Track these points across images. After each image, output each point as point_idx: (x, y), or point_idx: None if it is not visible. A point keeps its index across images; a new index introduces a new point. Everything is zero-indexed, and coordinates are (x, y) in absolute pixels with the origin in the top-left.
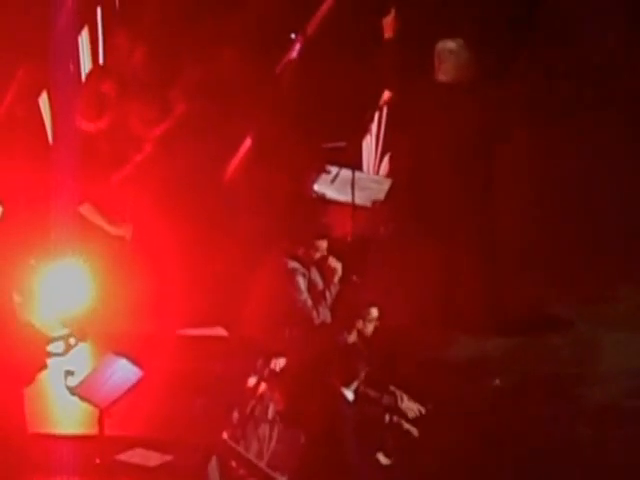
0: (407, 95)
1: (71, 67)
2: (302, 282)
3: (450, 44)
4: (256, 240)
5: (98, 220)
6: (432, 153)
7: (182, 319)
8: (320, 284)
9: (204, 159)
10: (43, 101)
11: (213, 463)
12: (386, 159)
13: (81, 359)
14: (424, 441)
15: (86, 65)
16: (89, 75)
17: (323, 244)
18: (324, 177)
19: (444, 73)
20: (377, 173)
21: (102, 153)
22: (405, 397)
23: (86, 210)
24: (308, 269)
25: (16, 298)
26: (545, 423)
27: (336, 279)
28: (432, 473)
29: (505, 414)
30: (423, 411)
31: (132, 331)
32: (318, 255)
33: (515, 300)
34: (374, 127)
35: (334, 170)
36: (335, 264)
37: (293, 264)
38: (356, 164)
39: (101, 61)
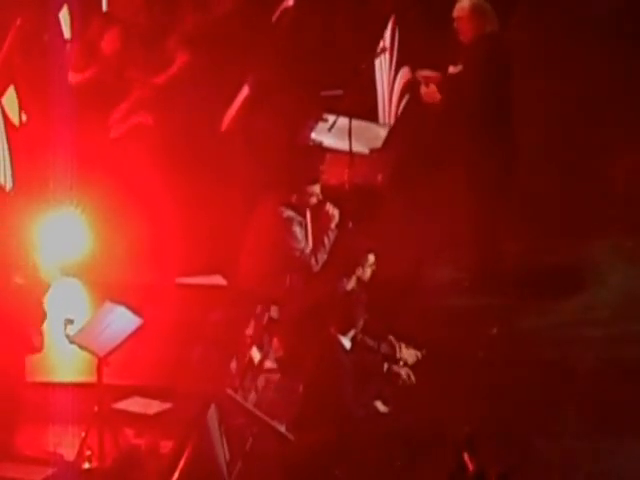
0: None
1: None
2: (299, 230)
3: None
4: (254, 188)
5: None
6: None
7: (181, 268)
8: (317, 231)
9: (201, 108)
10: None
11: (212, 411)
12: (386, 106)
13: (80, 308)
14: (422, 389)
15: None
16: (86, 26)
17: (318, 190)
18: (321, 125)
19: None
20: (376, 121)
21: (100, 102)
22: (403, 345)
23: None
24: (304, 216)
25: (17, 248)
26: (543, 370)
27: (333, 226)
28: (429, 420)
29: (502, 362)
30: (420, 357)
31: (131, 280)
32: (314, 201)
33: (516, 250)
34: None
35: (331, 118)
36: (332, 211)
37: (289, 212)
38: (353, 112)
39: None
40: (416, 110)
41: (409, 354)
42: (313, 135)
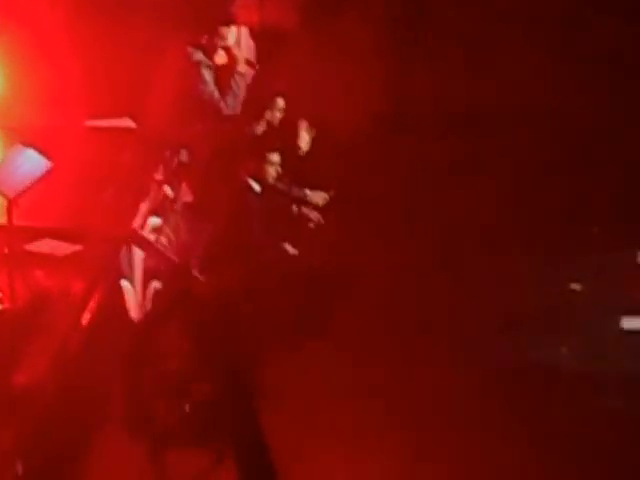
0: None
1: None
2: (207, 74)
3: None
4: (163, 29)
5: None
6: None
7: (89, 110)
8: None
9: None
10: None
11: (124, 253)
12: None
13: None
14: (330, 231)
15: None
16: None
17: (227, 32)
18: None
19: None
20: None
21: None
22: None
23: None
24: (212, 59)
25: None
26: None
27: (241, 69)
28: (337, 262)
29: (408, 206)
30: (329, 199)
31: (40, 122)
32: (222, 44)
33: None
34: None
35: None
36: (238, 53)
37: (198, 55)
38: None
39: None
40: None
41: (319, 196)
42: None
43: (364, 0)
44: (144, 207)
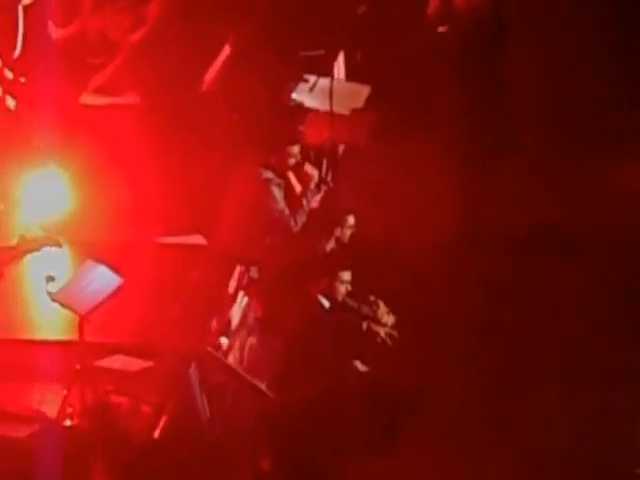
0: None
1: None
2: (277, 192)
3: None
4: (234, 149)
5: (102, 101)
6: (411, 59)
7: (161, 227)
8: (297, 191)
9: (182, 67)
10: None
11: (193, 370)
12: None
13: (61, 266)
14: (400, 350)
15: None
16: None
17: (296, 150)
18: (302, 85)
19: None
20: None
21: (79, 61)
22: (382, 306)
23: (88, 97)
24: (283, 177)
25: None
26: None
27: (312, 186)
28: (408, 380)
29: (486, 326)
30: (399, 319)
31: (112, 239)
32: (292, 162)
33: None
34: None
35: (312, 78)
36: (311, 171)
37: (268, 173)
38: (334, 72)
39: None
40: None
41: (388, 315)
42: (294, 95)
43: (433, 120)
44: (214, 324)
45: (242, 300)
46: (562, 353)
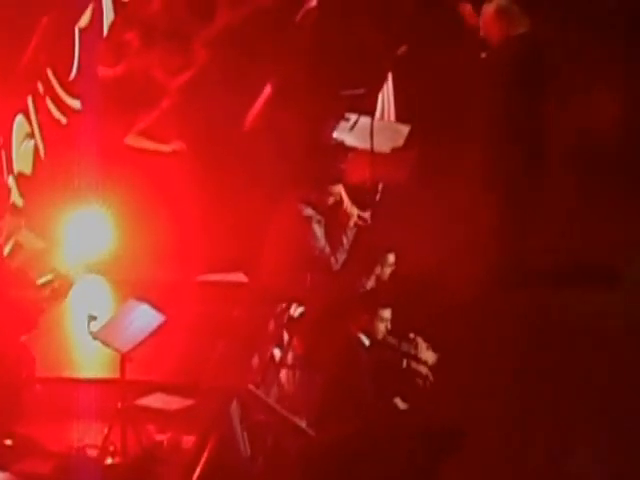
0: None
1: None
2: (318, 229)
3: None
4: (276, 187)
5: (148, 145)
6: (454, 99)
7: (203, 265)
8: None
9: (226, 106)
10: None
11: (234, 407)
12: (404, 105)
13: (103, 305)
14: (441, 387)
15: (109, 14)
16: (112, 24)
17: (337, 189)
18: (343, 124)
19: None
20: (395, 120)
21: (126, 101)
22: (423, 343)
23: (133, 140)
24: (324, 215)
25: (39, 244)
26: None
27: (352, 224)
28: (448, 418)
29: (523, 364)
30: (440, 357)
31: (154, 277)
32: (332, 200)
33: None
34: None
35: (353, 117)
36: (351, 209)
37: (308, 211)
38: (375, 111)
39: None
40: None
41: (429, 354)
42: (335, 134)
43: (474, 157)
44: (255, 361)
45: (283, 338)
46: (608, 393)
